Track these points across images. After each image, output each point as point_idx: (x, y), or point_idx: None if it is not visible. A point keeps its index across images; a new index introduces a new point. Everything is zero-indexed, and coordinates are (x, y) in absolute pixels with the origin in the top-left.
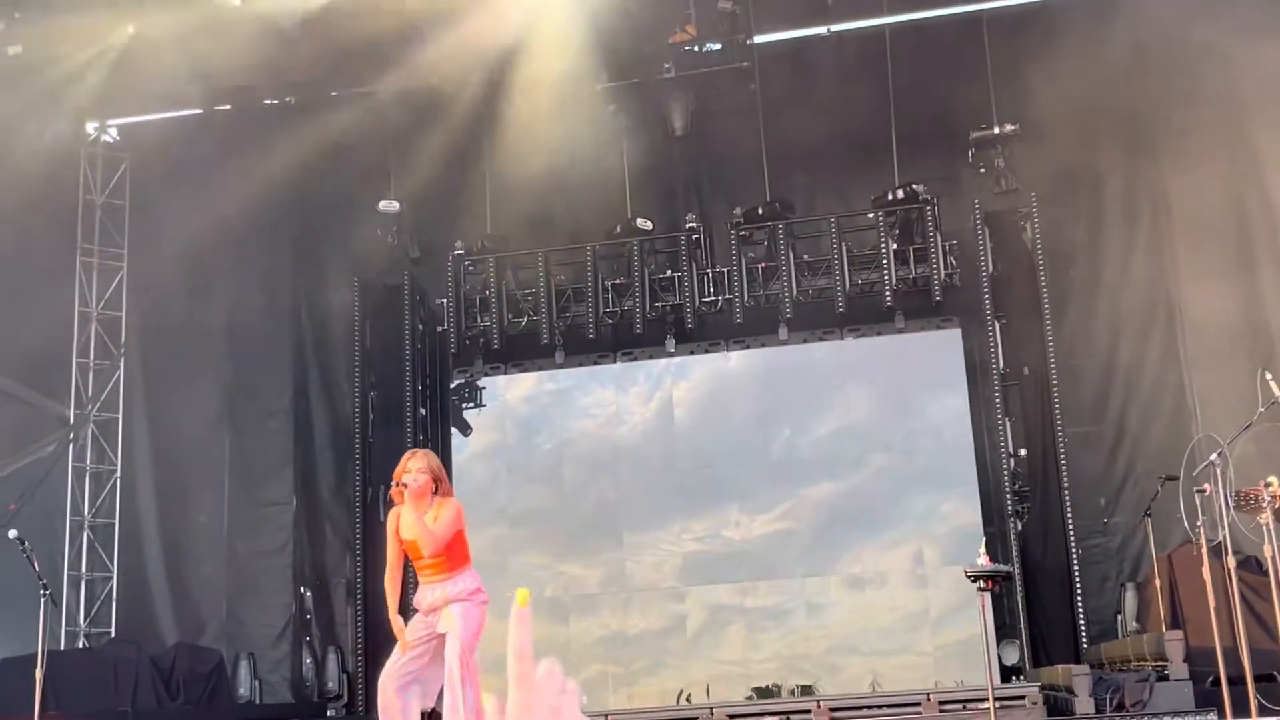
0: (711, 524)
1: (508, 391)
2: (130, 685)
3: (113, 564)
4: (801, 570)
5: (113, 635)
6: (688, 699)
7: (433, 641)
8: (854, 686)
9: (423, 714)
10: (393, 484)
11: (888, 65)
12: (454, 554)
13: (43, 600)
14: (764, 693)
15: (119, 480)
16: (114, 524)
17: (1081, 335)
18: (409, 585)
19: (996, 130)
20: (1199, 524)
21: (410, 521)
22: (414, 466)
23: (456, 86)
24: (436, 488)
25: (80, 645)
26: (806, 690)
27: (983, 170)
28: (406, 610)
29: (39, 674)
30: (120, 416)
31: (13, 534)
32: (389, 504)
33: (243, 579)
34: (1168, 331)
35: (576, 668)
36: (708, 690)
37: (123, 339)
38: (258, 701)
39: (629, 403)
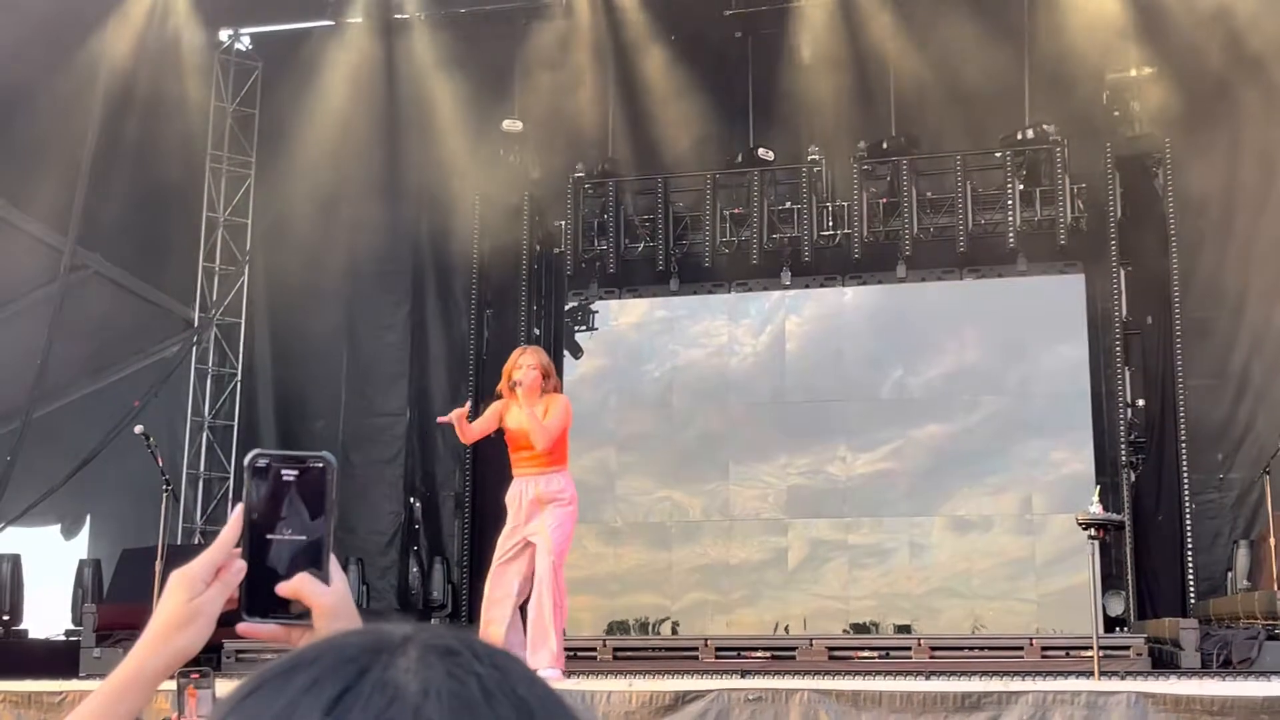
0: (817, 459)
1: (620, 316)
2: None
3: (230, 465)
4: (905, 510)
5: None
6: (785, 630)
7: (527, 549)
8: (953, 629)
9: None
10: (504, 380)
11: (1024, 2)
12: (556, 450)
13: (164, 495)
14: (861, 629)
15: (239, 384)
16: (233, 426)
17: (1209, 286)
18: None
19: (1133, 73)
20: None
21: (521, 415)
22: (525, 363)
23: (584, 7)
24: (545, 383)
25: (196, 541)
26: (905, 630)
27: (1116, 113)
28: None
29: (158, 566)
30: (243, 322)
31: (139, 429)
32: (497, 398)
33: (354, 486)
34: None
35: (676, 594)
36: (805, 623)
37: (248, 245)
38: (365, 606)
39: (740, 334)
